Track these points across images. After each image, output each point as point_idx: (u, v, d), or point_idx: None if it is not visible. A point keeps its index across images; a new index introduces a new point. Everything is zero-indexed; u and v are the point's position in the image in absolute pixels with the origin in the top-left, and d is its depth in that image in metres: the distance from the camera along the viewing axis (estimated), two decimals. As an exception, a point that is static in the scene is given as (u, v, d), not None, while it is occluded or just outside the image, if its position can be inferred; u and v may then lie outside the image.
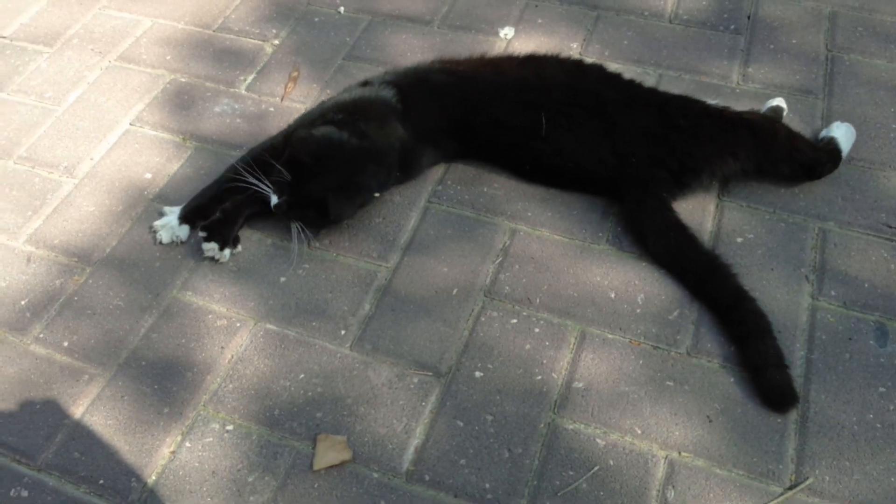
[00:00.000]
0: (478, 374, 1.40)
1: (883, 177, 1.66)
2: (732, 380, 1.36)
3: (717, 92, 1.85)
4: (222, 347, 1.45)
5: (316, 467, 1.28)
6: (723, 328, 1.42)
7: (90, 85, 1.99)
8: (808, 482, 1.24)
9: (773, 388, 1.33)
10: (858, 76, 1.87)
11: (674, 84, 1.87)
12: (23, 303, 1.54)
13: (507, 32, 2.05)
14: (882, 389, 1.34)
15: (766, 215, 1.60)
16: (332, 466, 1.28)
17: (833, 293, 1.47)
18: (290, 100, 1.92)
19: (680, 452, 1.29)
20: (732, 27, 2.02)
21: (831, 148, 1.64)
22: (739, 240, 1.56)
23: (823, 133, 1.69)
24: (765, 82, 1.87)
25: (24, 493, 1.28)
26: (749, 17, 2.04)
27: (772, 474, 1.25)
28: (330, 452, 1.30)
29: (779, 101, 1.77)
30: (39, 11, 2.22)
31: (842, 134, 1.66)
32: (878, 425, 1.30)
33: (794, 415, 1.31)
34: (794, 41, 1.97)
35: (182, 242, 1.60)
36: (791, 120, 1.77)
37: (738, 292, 1.44)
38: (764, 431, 1.30)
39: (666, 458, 1.28)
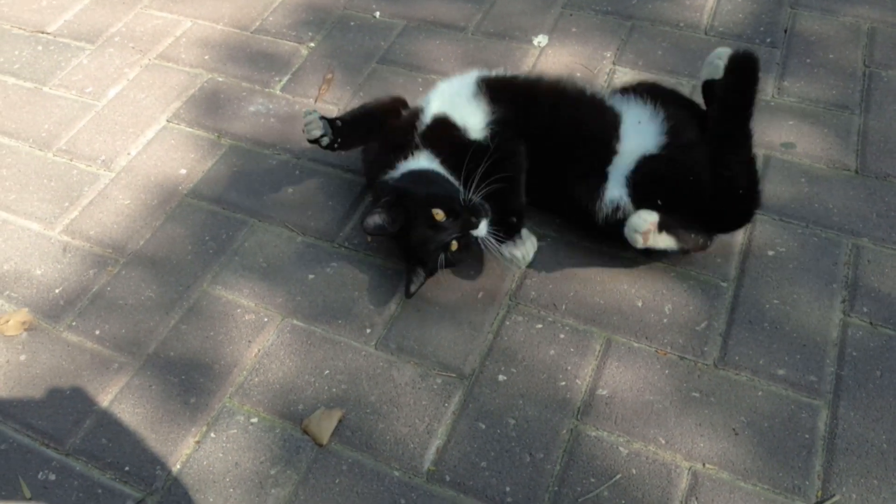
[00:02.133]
0: (501, 377, 1.40)
1: (919, 194, 1.63)
2: (760, 393, 1.35)
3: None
4: (249, 341, 1.47)
5: (325, 442, 1.31)
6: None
7: (130, 82, 2.03)
8: (834, 499, 1.22)
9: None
10: (896, 93, 1.85)
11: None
12: (57, 291, 1.58)
13: (540, 40, 2.06)
14: (914, 409, 1.31)
15: (799, 229, 1.58)
16: (334, 431, 1.33)
17: (865, 310, 1.45)
18: (323, 101, 1.94)
19: (704, 464, 1.27)
20: (769, 41, 2.00)
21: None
22: (771, 253, 1.55)
23: None
24: (800, 96, 1.86)
25: (52, 477, 1.30)
26: (786, 31, 2.03)
27: (797, 490, 1.23)
28: (323, 423, 1.33)
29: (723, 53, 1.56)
30: (83, 9, 2.27)
31: None
32: (909, 445, 1.27)
33: (821, 431, 1.29)
34: (831, 56, 1.95)
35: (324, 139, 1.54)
36: (826, 135, 1.75)
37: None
38: (791, 446, 1.28)
39: (690, 469, 1.27)
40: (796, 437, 1.29)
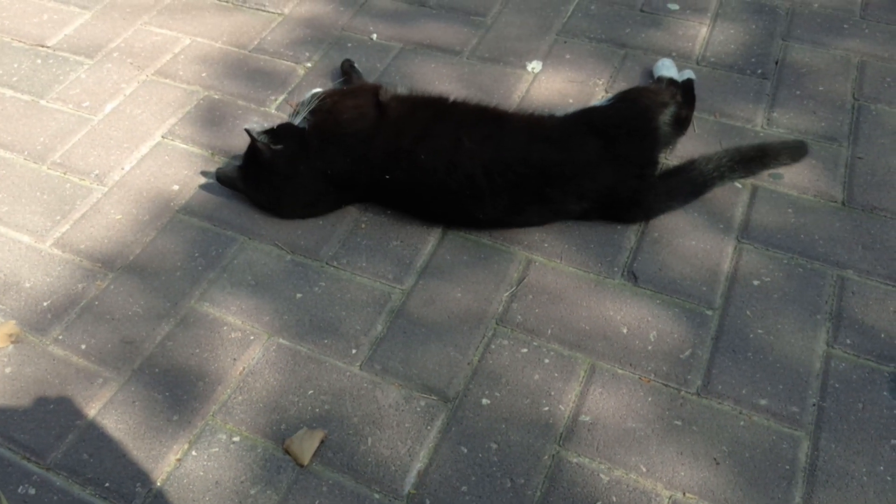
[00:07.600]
0: (485, 401, 1.40)
1: (905, 228, 1.65)
2: (742, 423, 1.35)
3: (742, 135, 1.85)
4: (235, 359, 1.47)
5: (306, 463, 1.31)
6: None
7: (126, 97, 2.05)
8: (813, 532, 1.22)
9: None
10: (884, 126, 1.87)
11: (698, 124, 1.88)
12: (45, 304, 1.58)
13: (534, 66, 2.08)
14: (894, 442, 1.32)
15: (785, 260, 1.59)
16: (315, 452, 1.33)
17: (849, 341, 1.46)
18: (318, 121, 1.95)
19: (685, 493, 1.27)
20: (759, 72, 2.03)
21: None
22: (756, 283, 1.56)
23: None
24: (789, 127, 1.88)
25: (32, 491, 1.30)
26: (777, 63, 2.05)
27: (777, 521, 1.23)
28: (305, 443, 1.33)
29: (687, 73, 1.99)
30: (83, 24, 2.30)
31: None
32: (889, 478, 1.27)
33: (802, 462, 1.30)
34: (821, 88, 1.97)
35: None
36: (814, 166, 1.77)
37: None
38: (771, 477, 1.28)
39: (670, 498, 1.27)
40: (777, 467, 1.29)
